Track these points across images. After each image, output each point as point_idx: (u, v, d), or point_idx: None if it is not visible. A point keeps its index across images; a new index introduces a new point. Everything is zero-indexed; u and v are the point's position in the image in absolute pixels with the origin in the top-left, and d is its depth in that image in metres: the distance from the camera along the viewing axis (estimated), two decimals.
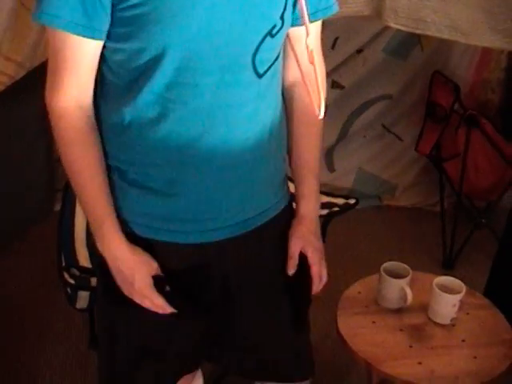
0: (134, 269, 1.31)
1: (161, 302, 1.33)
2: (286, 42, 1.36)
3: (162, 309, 1.34)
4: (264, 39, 1.25)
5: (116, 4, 1.16)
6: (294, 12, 1.31)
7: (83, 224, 2.12)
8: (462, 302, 1.80)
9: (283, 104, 1.43)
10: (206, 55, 1.21)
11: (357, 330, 1.78)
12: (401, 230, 3.36)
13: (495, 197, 3.13)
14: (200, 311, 1.43)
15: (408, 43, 3.32)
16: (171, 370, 1.51)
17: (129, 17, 1.16)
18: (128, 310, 1.37)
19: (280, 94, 1.39)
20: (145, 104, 1.24)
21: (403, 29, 2.41)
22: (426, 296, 1.83)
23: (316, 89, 1.29)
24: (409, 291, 1.79)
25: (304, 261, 1.45)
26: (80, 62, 1.21)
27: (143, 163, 1.30)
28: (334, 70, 3.31)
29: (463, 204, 3.17)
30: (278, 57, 1.33)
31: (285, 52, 1.38)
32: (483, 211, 3.21)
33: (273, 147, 1.39)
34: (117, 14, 1.17)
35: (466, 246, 3.11)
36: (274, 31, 1.26)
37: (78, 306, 2.07)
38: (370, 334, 1.77)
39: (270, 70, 1.30)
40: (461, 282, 1.82)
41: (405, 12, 2.34)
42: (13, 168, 2.90)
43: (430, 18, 2.33)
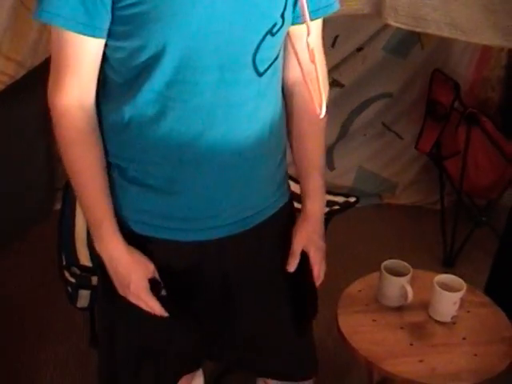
0: (130, 270, 1.31)
1: (155, 305, 1.33)
2: (286, 40, 1.36)
3: (156, 312, 1.34)
4: (264, 38, 1.25)
5: (115, 2, 1.16)
6: (295, 10, 1.30)
7: (84, 223, 2.11)
8: (462, 299, 1.80)
9: (284, 102, 1.43)
10: (205, 54, 1.20)
11: (357, 328, 1.78)
12: (401, 229, 3.36)
13: (495, 195, 3.13)
14: (199, 311, 1.43)
15: (408, 41, 3.32)
16: (171, 369, 1.51)
17: (128, 15, 1.16)
18: (128, 310, 1.37)
19: (280, 91, 1.39)
20: (145, 102, 1.24)
21: (403, 27, 2.40)
22: (427, 294, 1.83)
23: (317, 87, 1.29)
24: (409, 289, 1.79)
25: (305, 259, 1.46)
26: (82, 60, 1.21)
27: (143, 161, 1.30)
28: (334, 69, 3.30)
29: (463, 202, 3.17)
30: (279, 55, 1.33)
31: (286, 50, 1.38)
32: (483, 209, 3.21)
33: (273, 145, 1.39)
34: (116, 12, 1.17)
35: (467, 244, 3.11)
36: (274, 30, 1.26)
37: (78, 305, 2.07)
38: (371, 332, 1.77)
39: (270, 68, 1.30)
40: (461, 280, 1.82)
41: (405, 10, 2.33)
42: (13, 167, 2.90)
43: (430, 16, 2.33)
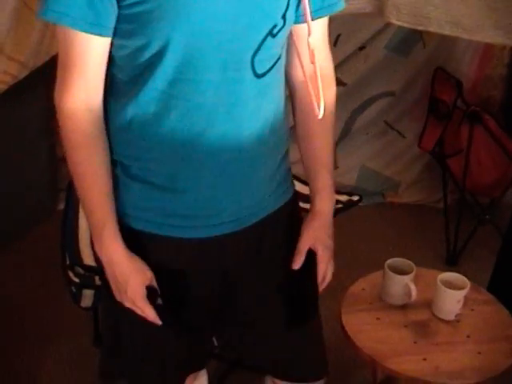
0: (128, 276, 1.31)
1: (150, 313, 1.33)
2: (291, 38, 1.36)
3: (150, 319, 1.34)
4: (265, 39, 1.25)
5: (120, 0, 1.15)
6: (298, 9, 1.30)
7: (87, 223, 2.11)
8: (466, 297, 1.79)
9: (289, 101, 1.43)
10: (208, 53, 1.20)
11: (361, 326, 1.78)
12: (404, 227, 3.36)
13: (499, 193, 3.13)
14: (199, 308, 1.43)
15: (410, 40, 3.32)
16: (175, 369, 1.52)
17: (132, 14, 1.16)
18: (132, 310, 1.37)
19: (282, 91, 1.39)
20: (148, 100, 1.24)
21: (405, 25, 2.40)
22: (431, 292, 1.83)
23: (317, 88, 1.29)
24: (413, 287, 1.79)
25: (312, 257, 1.45)
26: (88, 59, 1.20)
27: (146, 159, 1.30)
28: (336, 68, 3.22)
29: (467, 200, 3.17)
30: (281, 56, 1.33)
31: (291, 49, 1.38)
32: (487, 207, 3.21)
33: (275, 143, 1.39)
34: (121, 10, 1.17)
35: (470, 243, 3.11)
36: (274, 31, 1.26)
37: (82, 305, 2.07)
38: (375, 331, 1.77)
39: (273, 68, 1.30)
40: (465, 278, 1.82)
41: (407, 9, 2.33)
42: (15, 167, 2.90)
43: (432, 15, 2.33)
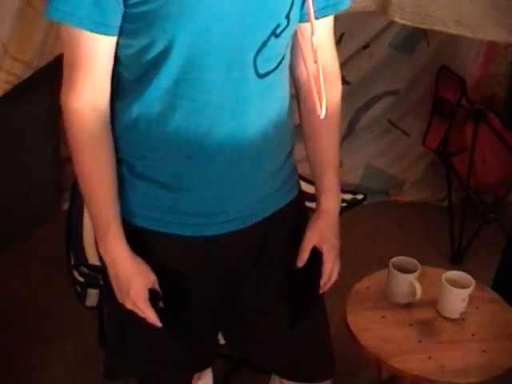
0: (131, 278, 1.31)
1: (151, 315, 1.33)
2: (297, 37, 1.35)
3: (151, 322, 1.34)
4: (269, 39, 1.24)
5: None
6: (303, 8, 1.30)
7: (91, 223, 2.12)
8: (471, 296, 1.80)
9: (293, 99, 1.43)
10: (212, 52, 1.20)
11: (366, 325, 1.78)
12: (409, 226, 3.35)
13: (503, 191, 3.13)
14: (204, 306, 1.43)
15: (414, 38, 3.31)
16: (176, 369, 1.52)
17: (137, 13, 1.16)
18: (132, 312, 1.36)
19: (287, 89, 1.38)
20: (153, 99, 1.24)
21: (409, 24, 2.40)
22: (435, 290, 1.83)
23: (319, 87, 1.28)
24: (418, 286, 1.79)
25: (317, 256, 1.45)
26: (95, 59, 1.20)
27: (151, 158, 1.30)
28: (340, 66, 3.24)
29: (471, 199, 3.16)
30: (285, 56, 1.32)
31: (297, 48, 1.37)
32: (491, 206, 3.20)
33: (279, 141, 1.39)
34: (126, 9, 1.16)
35: (474, 241, 3.11)
36: (277, 31, 1.25)
37: (87, 304, 2.08)
38: (380, 329, 1.77)
39: (276, 69, 1.29)
40: (470, 277, 1.82)
41: (410, 7, 2.33)
42: (19, 167, 2.90)
43: (436, 13, 2.33)
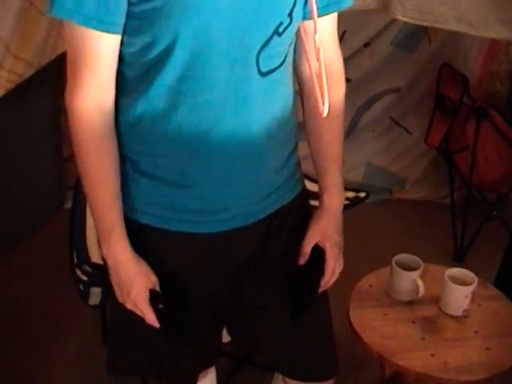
0: (133, 278, 1.32)
1: (151, 316, 1.33)
2: (300, 35, 1.35)
3: (150, 322, 1.34)
4: (271, 37, 1.24)
5: None
6: (306, 6, 1.30)
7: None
8: (474, 293, 1.80)
9: (297, 96, 1.43)
10: (215, 50, 1.20)
11: (369, 322, 1.78)
12: (411, 223, 3.36)
13: (506, 189, 3.13)
14: (208, 304, 1.44)
15: (416, 36, 3.31)
16: (184, 368, 1.52)
17: (141, 11, 1.16)
18: (132, 312, 1.36)
19: (291, 86, 1.38)
20: (156, 96, 1.24)
21: (411, 21, 2.40)
22: (438, 288, 1.83)
23: (322, 85, 1.28)
24: (421, 283, 1.79)
25: (319, 254, 1.45)
26: (99, 58, 1.19)
27: (154, 154, 1.30)
28: None
29: (473, 196, 3.17)
30: (288, 54, 1.32)
31: (300, 45, 1.37)
32: (494, 203, 3.20)
33: (283, 137, 1.39)
34: (130, 7, 1.16)
35: (477, 239, 3.10)
36: (280, 29, 1.25)
37: (90, 303, 2.09)
38: (383, 327, 1.77)
39: (279, 67, 1.29)
40: (472, 274, 1.82)
41: (412, 4, 2.33)
42: (21, 167, 2.90)
43: (438, 10, 2.33)
